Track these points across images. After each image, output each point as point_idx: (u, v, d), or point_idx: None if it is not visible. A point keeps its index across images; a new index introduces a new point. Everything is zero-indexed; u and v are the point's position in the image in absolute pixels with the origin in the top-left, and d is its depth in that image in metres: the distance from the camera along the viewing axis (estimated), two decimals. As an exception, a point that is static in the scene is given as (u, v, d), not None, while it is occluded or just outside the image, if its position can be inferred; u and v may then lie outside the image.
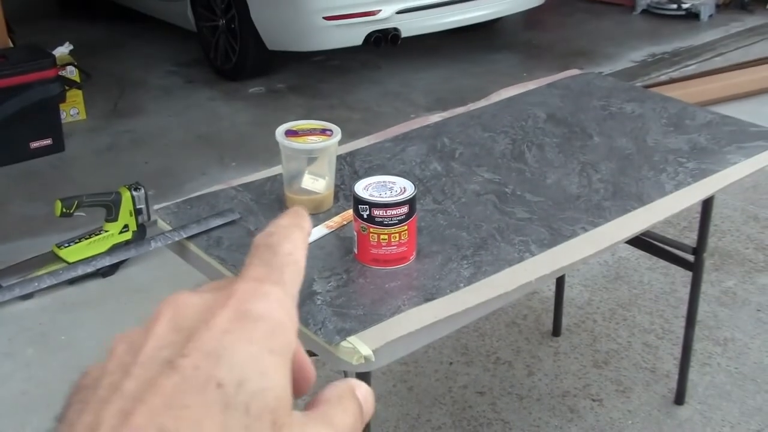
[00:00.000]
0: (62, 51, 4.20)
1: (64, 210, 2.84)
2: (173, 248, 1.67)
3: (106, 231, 2.98)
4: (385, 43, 4.49)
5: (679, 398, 2.39)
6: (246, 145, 4.06)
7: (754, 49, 5.20)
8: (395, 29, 4.49)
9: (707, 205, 2.13)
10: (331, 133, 1.70)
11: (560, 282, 2.67)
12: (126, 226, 2.99)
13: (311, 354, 1.36)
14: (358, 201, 1.51)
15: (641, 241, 2.30)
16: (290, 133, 1.69)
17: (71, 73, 4.20)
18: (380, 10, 4.42)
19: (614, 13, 6.03)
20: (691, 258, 2.24)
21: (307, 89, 4.79)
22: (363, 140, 2.02)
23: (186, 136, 4.22)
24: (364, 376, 1.37)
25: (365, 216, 1.50)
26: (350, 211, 1.62)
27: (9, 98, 3.77)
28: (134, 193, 2.97)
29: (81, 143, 4.11)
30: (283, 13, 4.49)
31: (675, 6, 5.85)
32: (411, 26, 4.57)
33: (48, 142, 3.94)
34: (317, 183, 1.69)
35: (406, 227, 1.51)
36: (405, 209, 1.50)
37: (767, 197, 3.47)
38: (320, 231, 1.64)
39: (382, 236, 1.50)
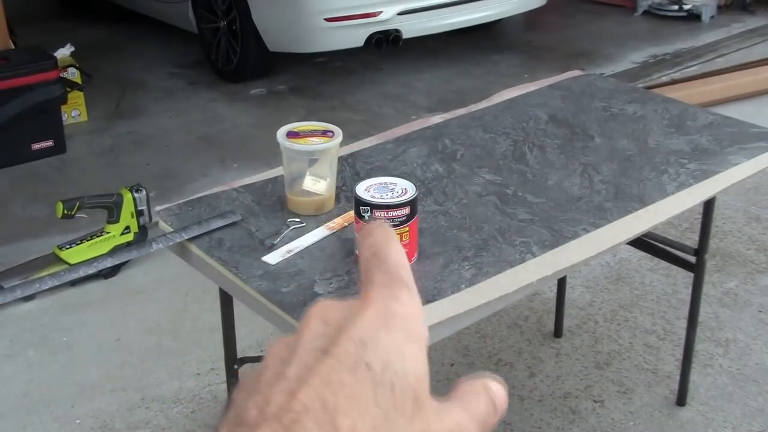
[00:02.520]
0: (63, 53, 4.20)
1: (66, 211, 2.84)
2: (175, 250, 1.67)
3: (108, 232, 2.98)
4: (386, 44, 4.49)
5: (681, 399, 2.39)
6: (247, 147, 4.06)
7: (756, 50, 5.20)
8: (396, 30, 4.49)
9: (709, 206, 2.13)
10: (333, 135, 1.70)
11: (562, 283, 2.67)
12: (127, 227, 2.99)
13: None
14: (359, 202, 1.51)
15: (643, 243, 2.30)
16: (291, 135, 1.69)
17: (73, 74, 4.20)
18: (381, 12, 4.42)
19: (615, 14, 6.03)
20: (692, 259, 2.24)
21: (309, 90, 4.79)
22: (364, 141, 2.02)
23: (187, 138, 4.22)
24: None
25: (366, 217, 1.50)
26: (351, 213, 1.62)
27: (10, 100, 3.77)
28: (136, 194, 2.97)
29: (82, 145, 4.12)
30: (285, 14, 4.49)
31: (676, 7, 5.85)
32: (412, 27, 4.57)
33: (49, 143, 3.94)
34: (318, 184, 1.69)
35: (407, 228, 1.51)
36: (406, 210, 1.50)
37: (769, 198, 3.47)
38: (321, 232, 1.64)
39: (383, 237, 1.50)
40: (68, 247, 2.98)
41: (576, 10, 6.08)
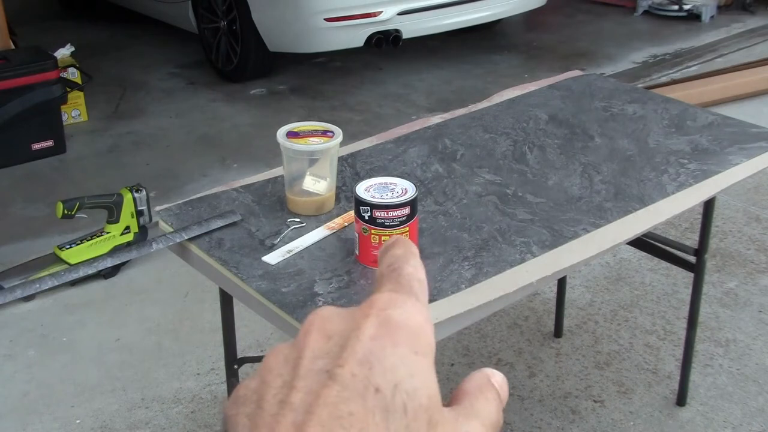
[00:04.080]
0: (64, 53, 4.20)
1: (66, 211, 2.84)
2: (175, 250, 1.67)
3: (108, 232, 2.98)
4: (386, 44, 4.49)
5: (681, 399, 2.39)
6: (247, 147, 4.06)
7: (756, 50, 5.20)
8: (396, 30, 4.49)
9: (709, 206, 2.13)
10: (333, 135, 1.70)
11: (562, 283, 2.67)
12: (127, 227, 2.99)
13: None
14: (359, 202, 1.51)
15: (643, 243, 2.30)
16: (291, 135, 1.69)
17: (73, 74, 4.20)
18: (381, 12, 4.42)
19: (615, 14, 6.03)
20: (692, 259, 2.24)
21: (309, 91, 4.79)
22: (364, 142, 2.02)
23: (187, 138, 4.22)
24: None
25: (366, 217, 1.50)
26: (351, 213, 1.62)
27: (11, 100, 3.77)
28: (136, 194, 2.97)
29: (82, 145, 4.12)
30: (285, 14, 4.49)
31: (676, 7, 5.85)
32: (412, 27, 4.57)
33: (49, 143, 3.94)
34: (318, 184, 1.69)
35: (407, 229, 1.51)
36: (406, 211, 1.50)
37: (769, 198, 3.47)
38: (321, 232, 1.64)
39: (383, 237, 1.50)
40: (68, 247, 2.98)
41: (576, 10, 6.08)
